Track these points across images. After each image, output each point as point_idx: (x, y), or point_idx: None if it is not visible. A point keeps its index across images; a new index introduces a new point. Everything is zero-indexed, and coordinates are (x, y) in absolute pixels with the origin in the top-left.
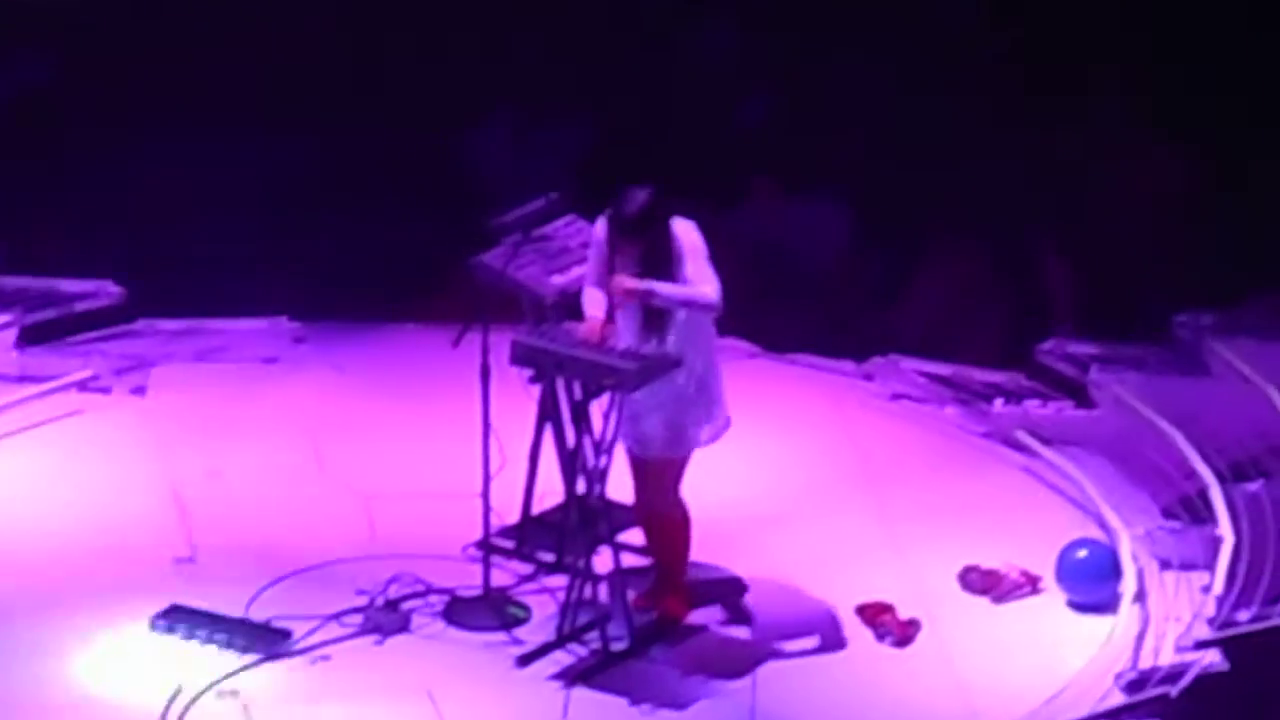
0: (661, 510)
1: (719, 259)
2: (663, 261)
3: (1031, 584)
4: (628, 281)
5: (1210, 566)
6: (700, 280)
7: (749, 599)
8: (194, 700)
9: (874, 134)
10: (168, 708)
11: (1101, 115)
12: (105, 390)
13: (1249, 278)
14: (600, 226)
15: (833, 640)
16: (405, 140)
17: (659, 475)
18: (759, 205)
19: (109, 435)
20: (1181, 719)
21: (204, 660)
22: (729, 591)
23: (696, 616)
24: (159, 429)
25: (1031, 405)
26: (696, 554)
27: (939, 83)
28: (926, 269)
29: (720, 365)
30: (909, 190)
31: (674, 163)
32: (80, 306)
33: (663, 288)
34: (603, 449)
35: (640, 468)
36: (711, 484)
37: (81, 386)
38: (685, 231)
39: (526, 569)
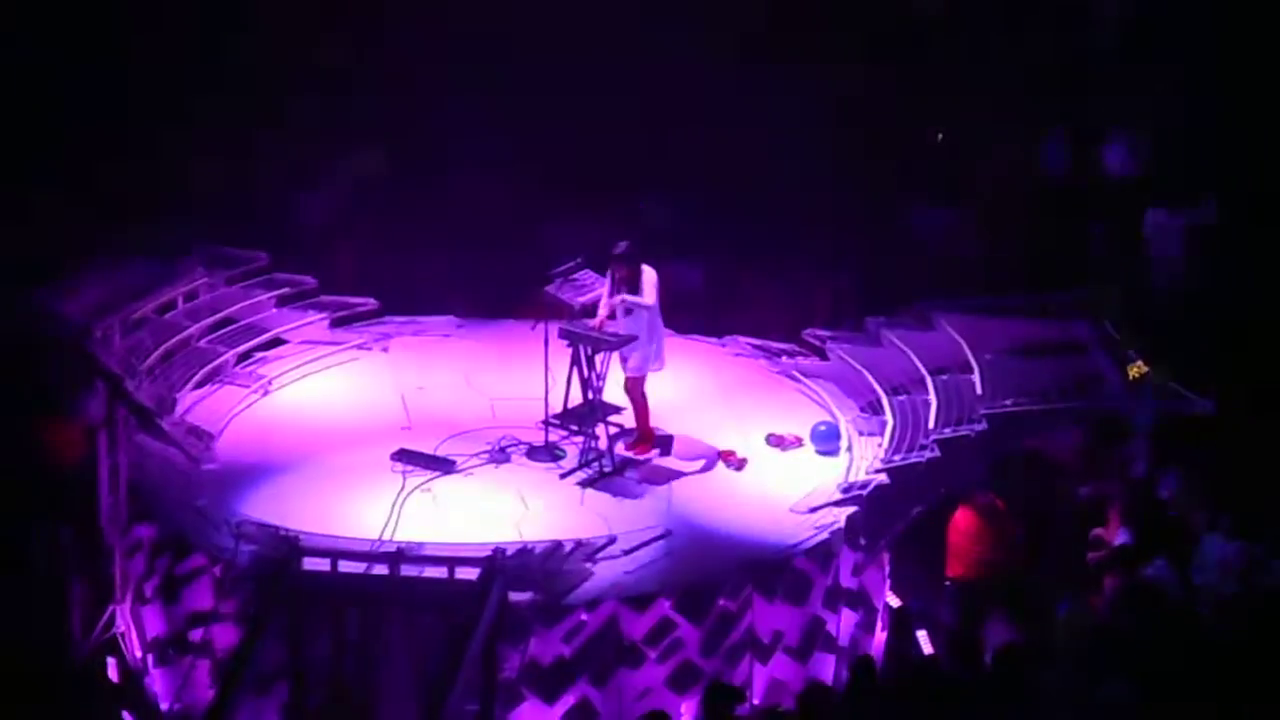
0: (638, 401)
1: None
2: (635, 285)
3: (799, 443)
4: (616, 299)
5: (882, 435)
6: (647, 296)
7: (673, 445)
8: (410, 493)
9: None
10: (397, 496)
11: None
12: (368, 348)
13: (903, 299)
14: (610, 274)
15: (707, 466)
16: (510, 231)
17: (635, 386)
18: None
19: (370, 369)
20: (868, 506)
21: (412, 474)
22: (665, 443)
23: (651, 455)
24: (395, 366)
25: (800, 359)
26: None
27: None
28: (749, 298)
29: (664, 337)
30: (738, 259)
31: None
32: (357, 309)
33: (628, 298)
34: (600, 378)
35: (627, 382)
36: (655, 391)
37: (358, 347)
38: (649, 272)
39: (565, 433)
